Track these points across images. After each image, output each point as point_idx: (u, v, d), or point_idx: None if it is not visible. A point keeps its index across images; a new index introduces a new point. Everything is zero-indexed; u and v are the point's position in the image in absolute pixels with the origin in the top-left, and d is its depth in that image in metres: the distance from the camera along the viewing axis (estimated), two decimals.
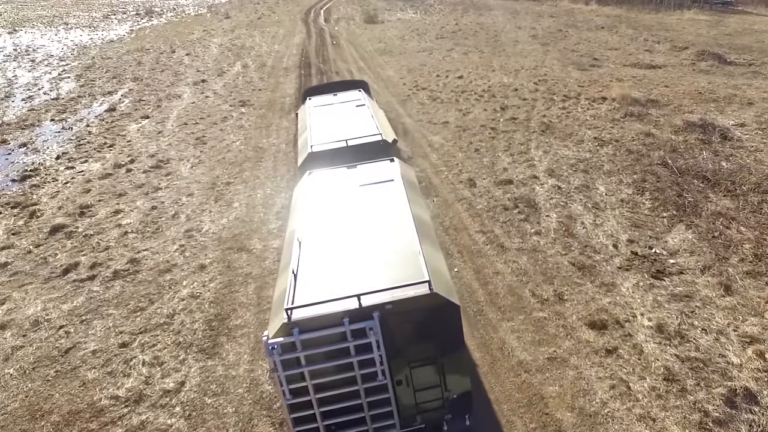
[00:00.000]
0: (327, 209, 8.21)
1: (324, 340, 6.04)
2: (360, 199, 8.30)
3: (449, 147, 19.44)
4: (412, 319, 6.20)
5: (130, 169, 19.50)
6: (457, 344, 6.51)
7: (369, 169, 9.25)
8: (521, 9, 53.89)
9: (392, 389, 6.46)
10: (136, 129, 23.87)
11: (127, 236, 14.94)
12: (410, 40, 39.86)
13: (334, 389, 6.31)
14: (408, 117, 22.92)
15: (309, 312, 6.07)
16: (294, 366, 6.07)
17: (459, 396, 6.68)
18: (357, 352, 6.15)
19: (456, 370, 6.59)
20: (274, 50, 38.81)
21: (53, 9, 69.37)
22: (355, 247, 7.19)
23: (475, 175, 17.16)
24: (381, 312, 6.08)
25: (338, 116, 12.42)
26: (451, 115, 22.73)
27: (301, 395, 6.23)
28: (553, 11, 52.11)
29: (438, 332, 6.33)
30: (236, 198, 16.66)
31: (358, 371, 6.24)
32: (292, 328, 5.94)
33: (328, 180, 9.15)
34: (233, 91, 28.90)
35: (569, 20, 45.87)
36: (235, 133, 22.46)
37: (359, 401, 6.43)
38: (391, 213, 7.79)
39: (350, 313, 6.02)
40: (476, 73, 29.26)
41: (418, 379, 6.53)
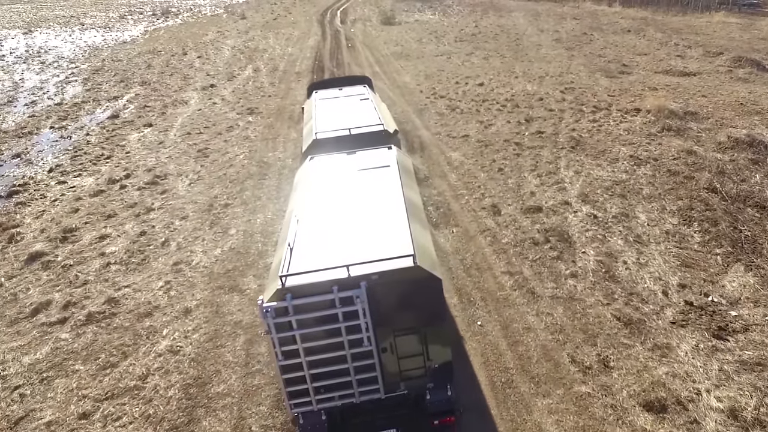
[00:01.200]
0: (325, 190, 8.47)
1: (314, 306, 6.28)
2: (357, 182, 8.57)
3: (470, 165, 17.34)
4: (397, 290, 6.41)
5: (124, 185, 17.67)
6: (439, 315, 6.75)
7: (368, 155, 9.52)
8: (542, 10, 51.44)
9: (377, 356, 6.66)
10: (137, 139, 22.07)
11: (109, 268, 13.08)
12: (428, 43, 37.71)
13: (323, 353, 6.51)
14: (425, 129, 20.84)
15: (301, 279, 6.31)
16: (286, 329, 6.30)
17: (440, 366, 6.90)
18: (345, 319, 6.36)
19: (438, 341, 6.80)
20: (287, 53, 36.88)
21: (72, 9, 68.10)
22: (349, 224, 7.44)
23: (500, 200, 15.07)
24: (368, 282, 6.29)
25: (343, 108, 12.46)
26: (471, 128, 20.61)
27: (292, 357, 6.44)
28: (575, 13, 49.62)
29: (421, 303, 6.54)
30: (233, 223, 14.73)
31: (346, 337, 6.44)
32: (285, 293, 6.21)
33: (329, 164, 9.38)
34: (242, 97, 27.01)
35: (593, 23, 43.39)
36: (240, 145, 20.55)
37: (346, 366, 6.63)
38: (385, 195, 8.06)
39: (339, 281, 6.27)
40: (498, 80, 27.08)
41: (402, 348, 6.75)
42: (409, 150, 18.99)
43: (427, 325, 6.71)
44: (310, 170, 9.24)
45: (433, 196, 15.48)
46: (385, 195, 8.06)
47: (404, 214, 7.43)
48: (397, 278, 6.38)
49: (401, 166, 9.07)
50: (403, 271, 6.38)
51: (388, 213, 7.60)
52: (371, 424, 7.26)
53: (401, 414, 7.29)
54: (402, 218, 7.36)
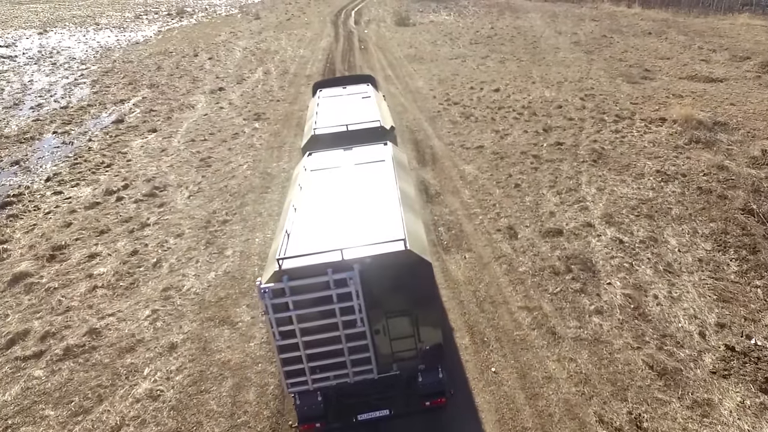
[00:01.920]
0: (322, 182, 8.63)
1: (310, 287, 6.39)
2: (353, 175, 8.73)
3: (484, 180, 16.05)
4: (389, 273, 6.51)
5: (121, 197, 16.63)
6: (429, 298, 6.90)
7: (364, 150, 9.68)
8: (560, 12, 49.80)
9: (370, 337, 6.73)
10: (140, 146, 21.04)
11: (95, 293, 12.01)
12: (442, 46, 36.36)
13: (318, 334, 6.61)
14: (437, 139, 19.58)
15: (298, 262, 6.46)
16: (283, 310, 6.43)
17: (431, 347, 7.02)
18: (339, 300, 6.47)
19: (428, 323, 6.92)
20: (298, 55, 35.74)
21: (89, 9, 67.53)
22: (344, 212, 7.61)
23: (516, 220, 13.79)
24: (361, 265, 6.39)
25: (343, 105, 12.52)
26: (486, 138, 19.31)
27: (289, 338, 6.55)
28: (594, 14, 47.93)
29: (412, 286, 6.64)
30: (230, 243, 13.60)
31: (340, 318, 6.55)
32: (282, 275, 6.33)
33: (326, 159, 9.57)
34: (250, 101, 25.90)
35: (613, 25, 41.74)
36: (244, 153, 19.43)
37: (340, 346, 6.74)
38: (379, 186, 8.24)
39: (333, 264, 6.39)
40: (514, 86, 25.71)
41: (394, 330, 6.86)
42: (420, 162, 17.76)
43: (418, 307, 6.83)
44: (307, 164, 9.44)
45: (444, 216, 14.23)
46: (380, 186, 8.29)
47: (397, 204, 7.63)
48: (388, 262, 6.52)
49: (396, 160, 9.27)
50: (395, 254, 6.54)
51: (381, 202, 7.79)
52: (365, 404, 7.43)
53: (394, 395, 7.47)
54: (395, 207, 7.56)
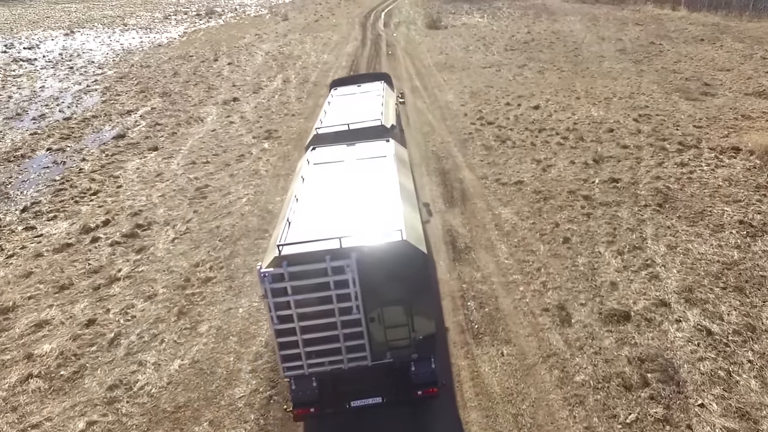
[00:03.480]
0: (324, 175, 8.52)
1: (308, 273, 6.42)
2: (354, 169, 8.61)
3: (525, 231, 12.75)
4: (385, 262, 6.50)
5: (97, 237, 13.83)
6: (424, 289, 6.84)
7: (366, 147, 9.55)
8: (600, 15, 45.68)
9: (365, 324, 6.75)
10: (135, 168, 18.27)
11: (28, 384, 9.16)
12: (475, 52, 32.88)
13: (314, 319, 6.62)
14: (468, 169, 16.29)
15: (297, 249, 6.46)
16: (282, 294, 6.46)
17: (424, 337, 6.98)
18: (336, 287, 6.50)
19: (422, 313, 6.89)
20: (322, 61, 32.68)
21: (121, 9, 65.62)
22: (344, 203, 7.58)
23: (568, 294, 10.47)
24: (358, 253, 6.42)
25: (352, 104, 12.34)
26: (526, 170, 15.95)
27: (286, 322, 6.57)
28: (637, 18, 43.72)
29: (407, 276, 6.61)
30: (208, 314, 10.63)
31: (336, 305, 6.58)
32: (282, 261, 6.34)
33: (329, 154, 9.45)
34: (263, 115, 22.95)
35: (659, 30, 37.60)
36: (246, 182, 16.47)
37: (336, 332, 6.73)
38: (380, 181, 8.13)
39: (331, 252, 6.41)
40: (556, 101, 22.20)
41: (389, 318, 6.81)
42: (447, 201, 14.53)
43: (413, 297, 6.73)
44: (310, 158, 9.31)
45: (475, 283, 10.98)
46: (380, 180, 8.14)
47: (397, 197, 7.51)
48: (385, 251, 6.47)
49: (397, 156, 9.14)
50: (392, 245, 6.48)
51: (381, 195, 7.67)
52: (359, 391, 7.30)
53: (387, 383, 7.35)
54: (394, 200, 7.46)
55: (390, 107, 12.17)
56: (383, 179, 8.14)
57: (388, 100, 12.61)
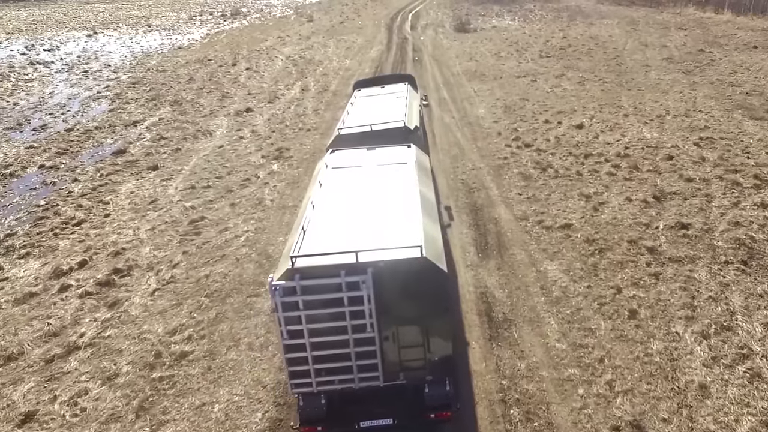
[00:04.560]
0: (342, 181, 8.11)
1: (321, 288, 5.96)
2: (373, 176, 8.19)
3: (579, 298, 9.97)
4: (402, 280, 6.06)
5: (68, 285, 11.48)
6: (442, 308, 6.35)
7: (387, 152, 9.10)
8: (639, 18, 42.19)
9: (379, 343, 6.28)
10: (129, 191, 15.94)
11: None
12: (508, 58, 29.93)
13: (326, 336, 6.17)
14: (504, 206, 13.54)
15: (311, 261, 6.02)
16: (293, 309, 6.01)
17: (440, 359, 6.47)
18: (350, 303, 6.03)
19: (439, 334, 6.39)
20: (344, 67, 30.09)
21: (148, 8, 63.94)
22: (361, 213, 7.11)
23: (645, 403, 7.67)
24: (374, 269, 5.93)
25: (375, 105, 11.96)
26: (573, 208, 13.15)
27: (297, 337, 6.12)
28: (679, 22, 40.16)
29: (425, 295, 6.15)
30: (175, 410, 8.11)
31: (350, 322, 6.12)
32: (295, 273, 5.92)
33: (348, 158, 9.00)
34: (276, 130, 20.47)
35: (706, 36, 34.10)
36: (248, 215, 13.99)
37: (348, 350, 6.27)
38: (400, 189, 7.66)
39: (347, 266, 5.93)
40: (601, 119, 19.25)
41: (404, 338, 6.37)
42: (480, 249, 11.81)
43: (430, 317, 6.27)
44: (329, 161, 8.86)
45: (519, 379, 8.25)
46: (400, 190, 7.64)
47: (417, 208, 7.04)
48: (403, 268, 6.03)
49: (418, 163, 8.62)
50: (410, 261, 6.03)
51: (401, 206, 7.19)
52: (369, 412, 6.77)
53: (399, 404, 6.81)
54: (414, 212, 6.98)
55: (414, 109, 11.72)
56: (403, 188, 7.67)
57: (412, 102, 12.20)
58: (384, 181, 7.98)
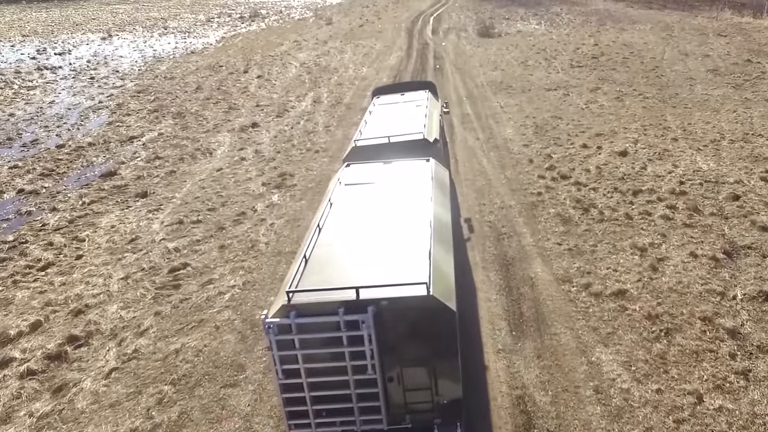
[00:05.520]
0: (353, 201, 7.58)
1: (319, 326, 5.45)
2: (386, 195, 7.61)
3: (648, 410, 7.41)
4: (407, 319, 5.49)
5: (10, 359, 9.29)
6: (450, 350, 5.67)
7: (403, 166, 8.48)
8: (673, 23, 39.00)
9: (382, 385, 5.71)
10: (110, 226, 13.77)
11: None
12: (536, 68, 27.22)
13: (325, 376, 5.66)
14: (541, 260, 11.00)
15: (308, 297, 5.51)
16: (289, 348, 5.50)
17: (449, 402, 5.89)
18: (349, 343, 5.48)
19: (448, 376, 5.78)
20: (360, 76, 27.67)
21: (168, 10, 62.18)
22: (368, 240, 6.49)
23: None
24: (376, 307, 5.40)
25: (393, 114, 11.32)
26: (625, 266, 10.56)
27: (293, 377, 5.64)
28: (717, 27, 36.91)
29: (431, 335, 5.53)
30: None
31: (350, 362, 5.57)
32: (290, 310, 5.40)
33: (362, 173, 8.41)
34: (281, 150, 18.15)
35: (749, 43, 30.94)
36: (237, 263, 11.67)
37: (349, 392, 5.73)
38: (412, 211, 7.05)
39: (346, 303, 5.40)
40: (647, 143, 16.57)
41: (409, 379, 5.79)
42: (512, 323, 9.32)
43: (437, 358, 5.64)
44: (342, 177, 8.31)
45: None
46: (413, 211, 7.01)
47: (429, 236, 6.35)
48: (407, 306, 5.41)
49: (435, 180, 7.90)
50: (415, 299, 5.38)
51: (411, 232, 6.53)
52: None
53: None
54: (425, 240, 6.29)
55: (434, 119, 11.05)
56: (416, 210, 7.07)
57: (432, 111, 11.44)
58: (397, 201, 7.34)
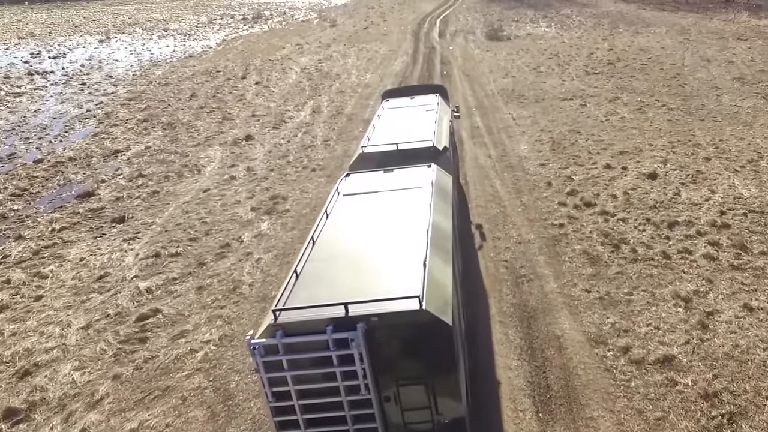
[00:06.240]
0: (350, 211, 7.24)
1: (307, 345, 5.07)
2: (384, 205, 7.26)
3: None
4: (400, 335, 5.12)
5: None
6: (448, 366, 5.28)
7: (404, 174, 8.11)
8: (689, 26, 37.07)
9: (379, 405, 5.31)
10: (77, 260, 12.15)
11: None
12: (549, 75, 25.43)
13: (317, 397, 5.27)
14: (567, 311, 9.23)
15: (295, 315, 5.13)
16: (277, 369, 5.11)
17: (451, 421, 5.43)
18: (340, 363, 5.09)
19: (447, 394, 5.34)
20: (363, 83, 25.96)
21: (169, 12, 60.62)
22: (363, 253, 6.13)
23: None
24: (367, 324, 5.02)
25: (402, 120, 10.99)
26: (669, 323, 8.79)
27: (284, 399, 5.24)
28: (735, 30, 34.97)
29: (427, 351, 5.14)
30: None
31: (342, 382, 5.17)
32: (276, 330, 5.05)
33: (362, 182, 8.04)
34: (275, 167, 16.48)
35: None
36: (214, 311, 9.99)
37: (343, 413, 5.32)
38: (410, 220, 6.68)
39: (334, 321, 5.02)
40: (677, 163, 14.80)
41: (407, 398, 5.35)
42: (541, 399, 7.58)
43: (435, 375, 5.21)
44: (341, 187, 7.88)
45: None
46: (411, 220, 6.63)
47: (425, 246, 5.99)
48: (399, 321, 5.02)
49: (437, 187, 7.53)
50: (407, 314, 5.00)
51: (408, 242, 6.14)
52: None
53: None
54: (420, 251, 5.91)
55: (444, 125, 10.71)
56: (414, 220, 6.54)
57: (443, 117, 11.09)
58: (395, 211, 7.03)
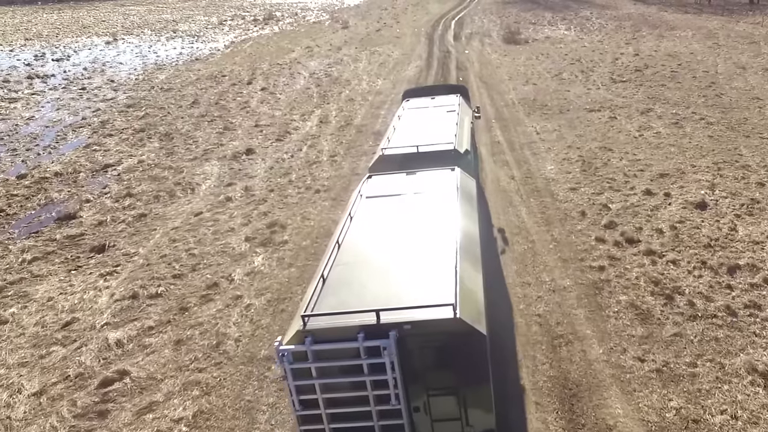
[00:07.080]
0: (375, 213, 6.96)
1: (337, 353, 4.86)
2: (409, 208, 6.99)
3: None
4: (432, 344, 4.90)
5: None
6: (481, 376, 5.05)
7: (428, 176, 7.85)
8: (716, 29, 34.84)
9: (407, 416, 5.09)
10: (44, 300, 10.52)
11: None
12: (572, 82, 23.47)
13: (346, 407, 5.06)
14: (617, 389, 7.34)
15: (325, 321, 4.92)
16: (305, 376, 4.93)
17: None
18: (370, 371, 4.87)
19: (479, 405, 5.12)
20: (374, 89, 24.16)
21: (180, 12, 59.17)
22: (391, 258, 5.85)
23: None
24: (399, 331, 4.80)
25: (423, 121, 10.65)
26: (748, 410, 6.91)
27: (311, 408, 5.04)
28: (765, 34, 32.70)
29: (460, 361, 4.93)
30: None
31: (371, 391, 4.96)
32: (306, 336, 4.84)
33: (385, 184, 7.80)
34: (275, 188, 14.76)
35: None
36: (191, 376, 8.25)
37: (371, 423, 5.11)
38: (437, 225, 6.44)
39: (366, 328, 4.79)
40: (727, 190, 12.84)
41: (437, 409, 5.14)
42: None
43: (467, 386, 5.01)
44: (364, 190, 7.67)
45: None
46: (438, 225, 6.40)
47: (455, 252, 5.76)
48: (432, 330, 4.82)
49: (462, 191, 7.26)
50: (441, 322, 4.80)
51: (436, 249, 5.90)
52: None
53: None
54: (450, 257, 5.68)
55: (465, 127, 10.27)
56: (441, 225, 6.34)
57: (464, 119, 10.65)
58: (421, 215, 6.64)
